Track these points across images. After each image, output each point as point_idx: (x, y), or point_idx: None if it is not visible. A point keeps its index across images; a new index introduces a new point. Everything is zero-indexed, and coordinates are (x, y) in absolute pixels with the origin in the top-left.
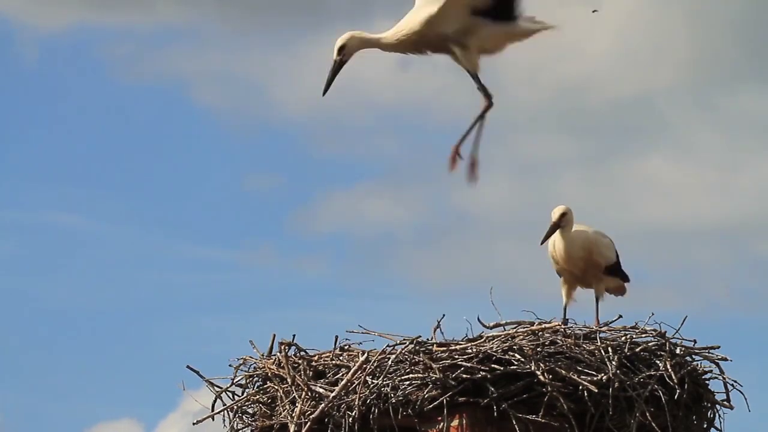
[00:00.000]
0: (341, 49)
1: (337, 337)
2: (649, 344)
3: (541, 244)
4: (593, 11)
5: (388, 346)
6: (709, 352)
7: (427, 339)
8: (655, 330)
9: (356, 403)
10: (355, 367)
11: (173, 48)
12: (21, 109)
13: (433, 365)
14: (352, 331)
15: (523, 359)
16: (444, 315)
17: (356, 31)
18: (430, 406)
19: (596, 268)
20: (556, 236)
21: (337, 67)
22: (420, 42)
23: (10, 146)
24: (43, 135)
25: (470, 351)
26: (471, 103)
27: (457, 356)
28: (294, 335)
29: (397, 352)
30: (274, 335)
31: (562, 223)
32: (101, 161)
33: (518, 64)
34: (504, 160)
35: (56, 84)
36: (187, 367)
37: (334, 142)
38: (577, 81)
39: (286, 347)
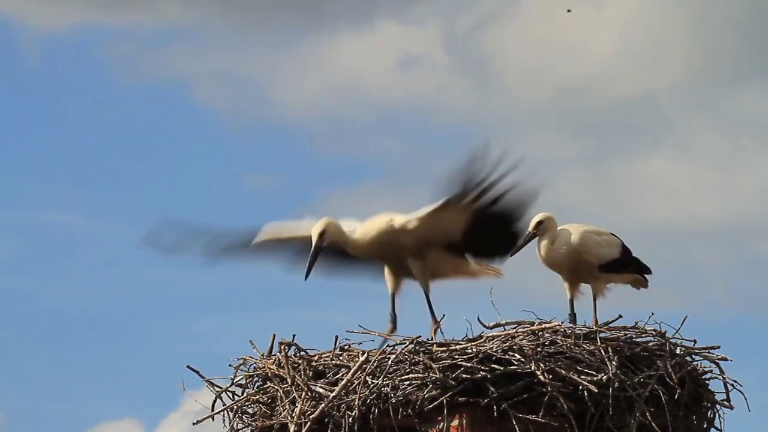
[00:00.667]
0: (322, 234)
1: (337, 337)
2: (649, 344)
3: (510, 255)
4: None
5: (388, 346)
6: (709, 352)
7: (427, 339)
8: (655, 330)
9: (356, 403)
10: (355, 367)
11: (174, 48)
12: (22, 108)
13: (433, 365)
14: (352, 331)
15: (523, 359)
16: (444, 315)
17: (332, 219)
18: (430, 406)
19: (589, 267)
20: (538, 250)
21: (318, 250)
22: (382, 246)
23: (12, 146)
24: (44, 134)
25: (470, 351)
26: (472, 104)
27: (457, 356)
28: (294, 335)
29: (397, 352)
30: (274, 335)
31: (539, 231)
32: (103, 161)
33: (519, 64)
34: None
35: (57, 84)
36: (188, 367)
37: (335, 143)
38: (578, 81)
39: (286, 347)
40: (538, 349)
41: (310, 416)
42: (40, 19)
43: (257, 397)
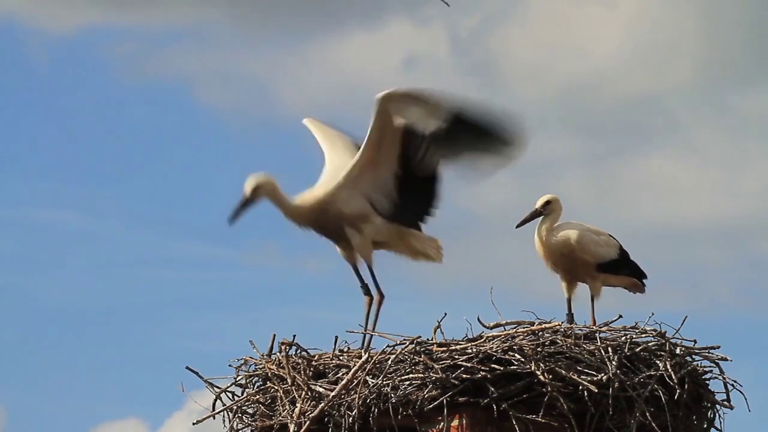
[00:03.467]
0: (256, 189)
1: (337, 337)
2: (649, 344)
3: (517, 227)
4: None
5: (388, 346)
6: (709, 352)
7: (428, 339)
8: (655, 330)
9: (356, 402)
10: (356, 367)
11: (178, 48)
12: (25, 107)
13: (434, 365)
14: (353, 331)
15: (523, 359)
16: (445, 314)
17: (273, 179)
18: (430, 406)
19: (586, 266)
20: (538, 230)
21: (247, 203)
22: (321, 215)
23: (14, 143)
24: (47, 132)
25: (470, 351)
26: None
27: (457, 356)
28: (294, 335)
29: (397, 352)
30: (275, 335)
31: (546, 211)
32: (105, 160)
33: (524, 63)
34: None
35: (61, 83)
36: (187, 368)
37: None
38: (583, 80)
39: (287, 347)
40: (538, 349)
41: (310, 416)
42: (44, 19)
43: (257, 397)
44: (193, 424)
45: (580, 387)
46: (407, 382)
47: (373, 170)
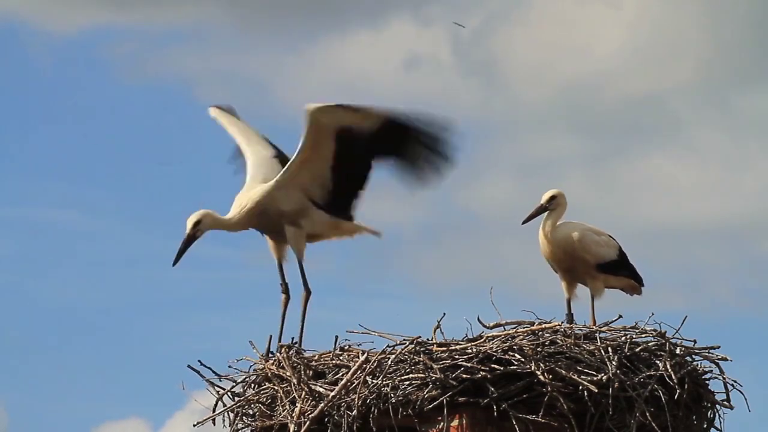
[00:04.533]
0: (196, 224)
1: (337, 337)
2: (649, 344)
3: (523, 223)
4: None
5: (388, 346)
6: (709, 352)
7: (428, 339)
8: (655, 330)
9: (356, 403)
10: (355, 367)
11: (178, 48)
12: (25, 106)
13: (433, 365)
14: (353, 331)
15: (523, 359)
16: (444, 314)
17: (209, 210)
18: (430, 406)
19: (586, 265)
20: (542, 225)
21: (190, 240)
22: (260, 216)
23: (15, 143)
24: (47, 132)
25: (470, 351)
26: (477, 104)
27: (457, 356)
28: (293, 338)
29: (397, 352)
30: (271, 336)
31: (551, 206)
32: (105, 159)
33: (525, 63)
34: (508, 158)
35: (61, 83)
36: (188, 366)
37: None
38: (585, 80)
39: (286, 348)
40: (538, 349)
41: (310, 416)
42: (45, 20)
43: (257, 397)
44: (194, 425)
45: (580, 387)
46: (407, 382)
47: (310, 166)
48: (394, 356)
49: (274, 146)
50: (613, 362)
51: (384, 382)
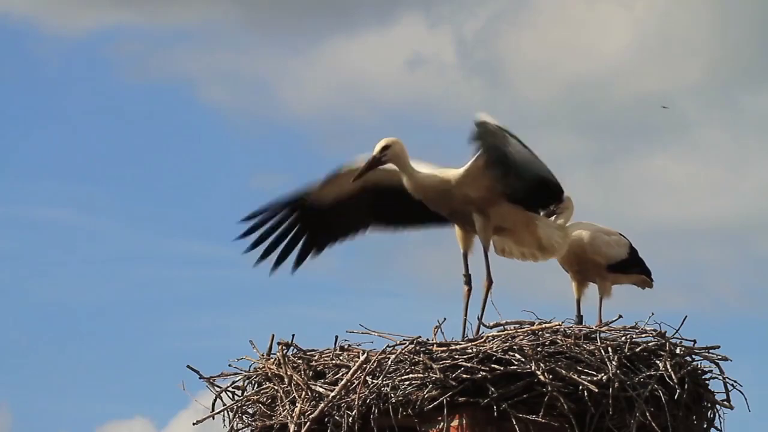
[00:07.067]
0: (385, 148)
1: (337, 337)
2: (649, 344)
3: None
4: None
5: (388, 346)
6: (709, 352)
7: (428, 339)
8: (655, 330)
9: (356, 402)
10: (355, 367)
11: (181, 48)
12: (28, 107)
13: (433, 365)
14: (353, 331)
15: (523, 359)
16: (445, 319)
17: (402, 142)
18: (430, 406)
19: (597, 266)
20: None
21: (374, 163)
22: (445, 194)
23: (18, 142)
24: (51, 132)
25: (470, 351)
26: (480, 103)
27: (457, 356)
28: (293, 335)
29: (397, 352)
30: (273, 335)
31: (558, 210)
32: (109, 159)
33: (530, 62)
34: None
35: (65, 82)
36: (188, 366)
37: (342, 142)
38: (592, 79)
39: (284, 347)
40: (538, 349)
41: (310, 416)
42: (50, 20)
43: (257, 397)
44: (194, 424)
45: (580, 387)
46: (407, 382)
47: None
48: (394, 356)
49: None
50: (613, 362)
51: (384, 382)
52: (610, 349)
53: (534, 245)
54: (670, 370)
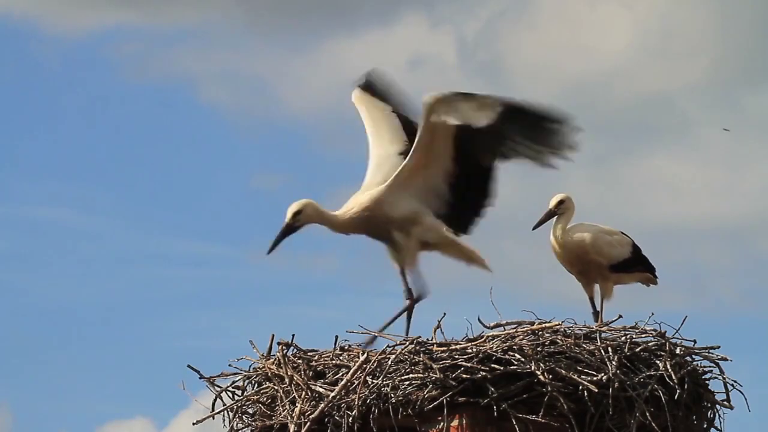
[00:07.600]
0: (296, 214)
1: (337, 337)
2: (649, 344)
3: (533, 229)
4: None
5: (388, 346)
6: (709, 352)
7: (428, 339)
8: (655, 330)
9: (356, 403)
10: (355, 367)
11: (181, 48)
12: (28, 106)
13: (433, 365)
14: (353, 331)
15: (523, 359)
16: (444, 314)
17: (313, 201)
18: (430, 406)
19: (599, 267)
20: (553, 230)
21: (288, 230)
22: (368, 221)
23: (18, 142)
24: (51, 132)
25: (470, 351)
26: None
27: (457, 356)
28: (293, 335)
29: (397, 352)
30: (273, 335)
31: (560, 210)
32: (109, 159)
33: (531, 62)
34: None
35: (64, 82)
36: (188, 366)
37: (342, 142)
38: (593, 79)
39: (284, 347)
40: (538, 349)
41: (310, 416)
42: (49, 20)
43: (257, 397)
44: (194, 424)
45: (580, 387)
46: (407, 382)
47: (424, 172)
48: (394, 356)
49: (411, 124)
50: (613, 362)
51: (384, 382)
52: (610, 349)
53: (464, 259)
54: (670, 370)
